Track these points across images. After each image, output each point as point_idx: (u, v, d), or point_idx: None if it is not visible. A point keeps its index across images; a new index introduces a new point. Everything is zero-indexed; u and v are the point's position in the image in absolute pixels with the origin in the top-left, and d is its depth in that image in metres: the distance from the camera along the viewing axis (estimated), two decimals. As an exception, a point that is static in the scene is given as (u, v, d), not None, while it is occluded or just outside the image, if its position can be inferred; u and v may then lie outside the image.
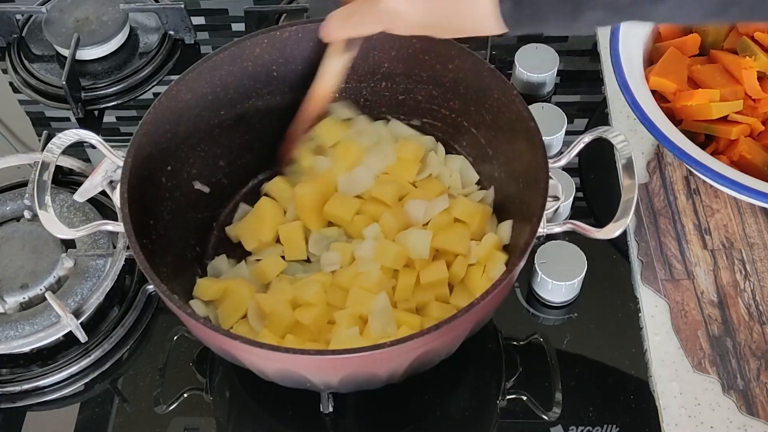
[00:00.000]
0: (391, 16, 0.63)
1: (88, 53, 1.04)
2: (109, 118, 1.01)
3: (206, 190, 0.83)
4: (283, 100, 0.84)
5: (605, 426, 0.74)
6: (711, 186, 0.87)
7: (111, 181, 0.75)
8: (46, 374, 0.78)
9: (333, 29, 0.72)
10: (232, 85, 0.81)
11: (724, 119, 0.85)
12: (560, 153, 0.73)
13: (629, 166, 0.70)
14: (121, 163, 0.72)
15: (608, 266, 0.84)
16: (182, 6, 1.04)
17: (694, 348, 0.77)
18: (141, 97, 1.02)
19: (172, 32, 1.07)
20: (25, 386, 0.78)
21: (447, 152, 0.85)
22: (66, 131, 0.73)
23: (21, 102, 1.04)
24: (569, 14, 0.56)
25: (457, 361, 0.73)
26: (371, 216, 0.80)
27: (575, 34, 0.73)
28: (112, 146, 0.74)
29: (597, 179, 0.91)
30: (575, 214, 0.87)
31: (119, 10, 1.06)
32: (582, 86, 1.00)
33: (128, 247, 0.80)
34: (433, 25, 0.63)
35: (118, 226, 0.71)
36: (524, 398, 0.76)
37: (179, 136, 0.79)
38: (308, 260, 0.81)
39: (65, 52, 1.01)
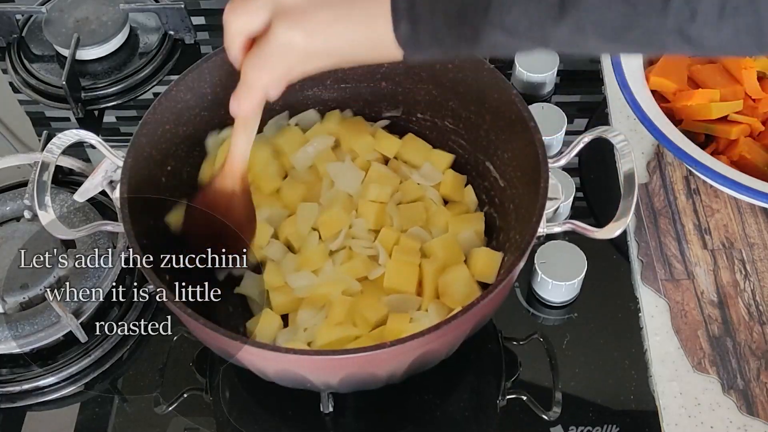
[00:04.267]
0: (288, 49, 0.59)
1: (88, 53, 1.04)
2: (109, 118, 1.01)
3: None
4: (281, 100, 0.84)
5: (605, 426, 0.74)
6: (711, 186, 0.87)
7: (111, 181, 0.75)
8: (46, 374, 0.78)
9: (245, 94, 0.65)
10: (232, 85, 0.80)
11: (724, 119, 0.85)
12: (560, 153, 0.73)
13: (629, 166, 0.70)
14: (121, 163, 0.72)
15: (608, 266, 0.84)
16: (182, 6, 1.04)
17: (694, 348, 0.77)
18: (141, 97, 1.02)
19: (172, 32, 1.07)
20: (25, 386, 0.78)
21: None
22: (66, 131, 0.73)
23: (21, 102, 1.04)
24: (469, 38, 0.54)
25: (457, 361, 0.72)
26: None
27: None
28: (112, 146, 0.74)
29: (597, 179, 0.91)
30: (575, 214, 0.87)
31: (119, 10, 1.06)
32: (582, 86, 1.00)
33: (128, 247, 0.79)
34: (335, 54, 0.60)
35: (118, 226, 0.71)
36: (524, 398, 0.76)
37: (179, 136, 0.78)
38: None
39: (65, 52, 1.01)
